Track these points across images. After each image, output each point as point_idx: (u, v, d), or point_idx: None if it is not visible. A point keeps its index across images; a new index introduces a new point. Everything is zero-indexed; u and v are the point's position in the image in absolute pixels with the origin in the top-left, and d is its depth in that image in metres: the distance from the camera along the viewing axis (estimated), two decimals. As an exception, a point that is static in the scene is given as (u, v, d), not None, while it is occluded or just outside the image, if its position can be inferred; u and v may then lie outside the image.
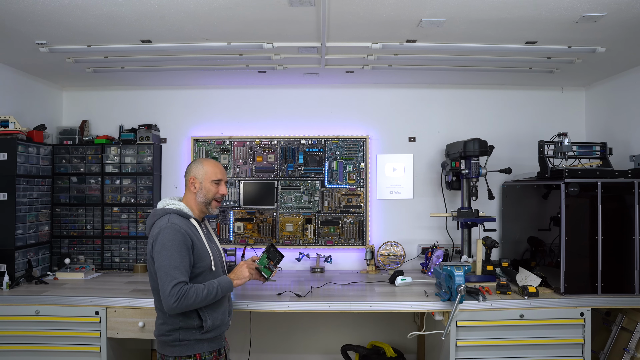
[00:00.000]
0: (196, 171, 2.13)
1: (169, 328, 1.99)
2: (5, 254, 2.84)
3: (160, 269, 1.90)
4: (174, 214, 2.01)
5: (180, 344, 1.99)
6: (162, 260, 1.91)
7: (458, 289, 2.33)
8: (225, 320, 2.11)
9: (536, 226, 2.92)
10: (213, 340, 2.05)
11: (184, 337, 1.99)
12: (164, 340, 2.01)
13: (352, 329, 3.49)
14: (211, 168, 2.16)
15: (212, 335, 2.04)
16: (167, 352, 2.00)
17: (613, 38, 2.51)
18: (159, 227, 1.97)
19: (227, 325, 2.13)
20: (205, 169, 2.14)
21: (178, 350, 1.99)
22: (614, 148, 3.00)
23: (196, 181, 2.12)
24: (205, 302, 1.96)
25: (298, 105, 3.60)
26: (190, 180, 2.12)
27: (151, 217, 2.06)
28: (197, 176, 2.12)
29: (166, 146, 3.59)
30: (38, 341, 2.56)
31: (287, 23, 2.34)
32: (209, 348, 2.03)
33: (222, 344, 2.12)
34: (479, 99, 3.59)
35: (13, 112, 3.08)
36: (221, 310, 2.08)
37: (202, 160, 2.18)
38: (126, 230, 3.36)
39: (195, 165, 2.16)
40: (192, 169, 2.15)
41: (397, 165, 3.56)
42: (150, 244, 1.97)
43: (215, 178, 2.14)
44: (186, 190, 2.15)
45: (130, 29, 2.40)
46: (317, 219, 3.53)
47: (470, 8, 2.15)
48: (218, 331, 2.06)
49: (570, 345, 2.52)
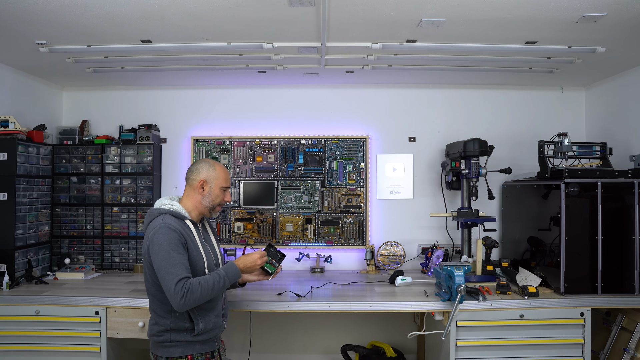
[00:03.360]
0: (208, 174, 2.07)
1: (160, 329, 1.97)
2: (5, 254, 2.84)
3: (161, 269, 1.87)
4: (168, 214, 1.97)
5: (171, 344, 1.97)
6: (161, 260, 1.87)
7: (458, 289, 2.33)
8: (220, 324, 2.07)
9: (536, 226, 2.92)
10: (205, 342, 2.02)
11: (175, 338, 1.97)
12: (155, 340, 2.00)
13: (352, 329, 3.49)
14: (223, 174, 2.11)
15: (205, 337, 2.00)
16: (159, 353, 1.99)
17: (613, 38, 2.51)
18: (153, 228, 1.94)
19: (221, 328, 2.08)
20: (217, 174, 2.08)
21: (169, 351, 1.97)
22: (614, 148, 3.00)
23: (207, 185, 2.06)
24: (213, 293, 1.92)
25: (298, 105, 3.60)
26: (200, 182, 2.05)
27: (147, 217, 2.03)
28: (208, 180, 2.06)
29: (166, 146, 3.59)
30: (38, 341, 2.56)
31: (287, 23, 2.34)
32: (201, 350, 2.00)
33: (215, 346, 2.07)
34: (479, 99, 3.59)
35: (13, 112, 3.08)
36: (214, 313, 2.04)
37: (213, 163, 2.11)
38: (126, 230, 3.36)
39: (207, 167, 2.09)
40: (202, 170, 2.07)
41: (397, 165, 3.56)
42: (146, 247, 1.93)
43: (226, 185, 2.11)
44: (190, 190, 2.08)
45: (130, 29, 2.40)
46: (317, 219, 3.53)
47: (470, 8, 2.15)
48: (211, 334, 2.02)
49: (570, 345, 2.52)
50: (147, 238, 1.95)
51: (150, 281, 1.97)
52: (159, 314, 1.99)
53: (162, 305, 1.97)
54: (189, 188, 2.09)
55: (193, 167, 2.11)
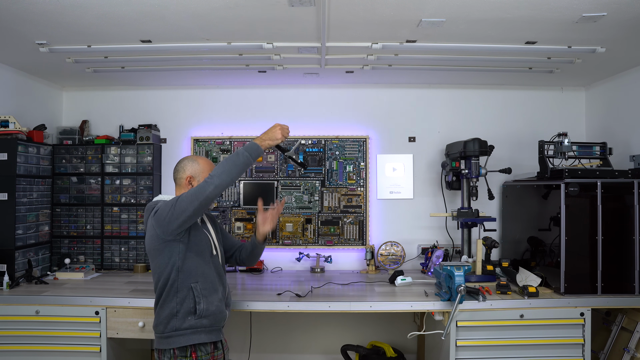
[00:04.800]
0: (193, 169, 2.12)
1: (166, 313, 1.98)
2: (5, 254, 2.84)
3: (165, 208, 1.91)
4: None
5: (176, 333, 1.97)
6: (166, 206, 1.92)
7: (458, 289, 2.33)
8: (222, 309, 2.08)
9: (536, 226, 2.92)
10: (211, 331, 2.03)
11: (180, 325, 1.97)
12: (160, 331, 2.00)
13: (352, 329, 3.49)
14: (207, 166, 2.15)
15: (208, 322, 2.02)
16: (164, 345, 1.98)
17: (613, 38, 2.51)
18: (151, 209, 2.01)
19: (223, 314, 2.10)
20: (202, 167, 2.13)
21: (175, 341, 1.97)
22: (614, 148, 3.00)
23: (194, 180, 2.10)
24: (235, 169, 1.89)
25: (298, 105, 3.60)
26: (187, 178, 2.10)
27: (146, 211, 2.08)
28: (194, 174, 2.11)
29: (166, 146, 3.59)
30: (38, 341, 2.56)
31: (287, 23, 2.34)
32: (206, 339, 2.01)
33: (219, 336, 2.09)
34: (479, 99, 3.59)
35: (13, 112, 3.07)
36: (216, 297, 2.06)
37: (196, 158, 2.16)
38: (126, 230, 3.36)
39: (190, 162, 2.13)
40: (186, 167, 2.12)
41: (397, 165, 3.56)
42: (150, 226, 1.98)
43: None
44: (180, 189, 2.12)
45: (130, 29, 2.40)
46: (317, 219, 3.53)
47: (470, 8, 2.15)
48: (213, 319, 2.04)
49: (570, 345, 2.52)
50: (148, 222, 2.00)
51: (157, 273, 2.01)
52: (165, 297, 2.00)
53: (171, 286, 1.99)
54: (179, 188, 2.15)
55: (177, 166, 2.16)
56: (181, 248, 1.99)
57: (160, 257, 2.00)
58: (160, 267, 2.01)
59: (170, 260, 1.98)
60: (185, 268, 2.00)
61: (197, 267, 2.02)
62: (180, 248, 1.99)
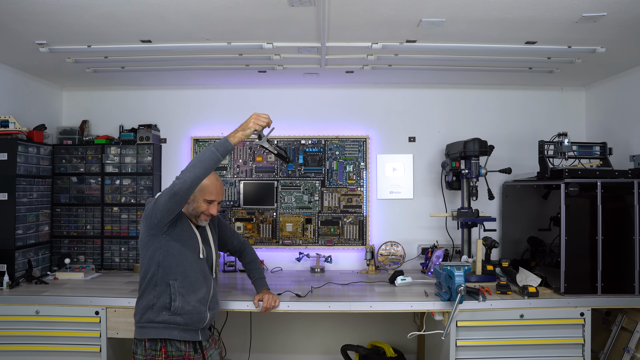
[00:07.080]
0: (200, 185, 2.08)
1: (143, 304, 2.06)
2: (5, 254, 2.84)
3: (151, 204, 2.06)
4: None
5: (149, 325, 2.02)
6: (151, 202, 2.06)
7: (458, 289, 2.33)
8: (200, 310, 2.08)
9: (536, 226, 2.92)
10: (186, 330, 2.04)
11: (154, 318, 2.02)
12: (136, 320, 2.07)
13: (352, 329, 3.49)
14: (212, 187, 2.13)
15: (183, 321, 2.03)
16: (137, 335, 2.05)
17: (613, 38, 2.51)
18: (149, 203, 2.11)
19: (202, 316, 2.09)
20: (204, 186, 2.10)
21: (146, 332, 2.02)
22: (614, 148, 3.00)
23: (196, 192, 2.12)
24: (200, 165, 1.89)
25: (298, 105, 3.60)
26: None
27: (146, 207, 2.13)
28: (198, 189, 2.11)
29: (166, 146, 3.59)
30: (38, 341, 2.56)
31: (287, 23, 2.34)
32: (180, 337, 2.02)
33: (198, 337, 2.08)
34: (479, 99, 3.59)
35: (13, 112, 3.07)
36: (196, 297, 2.08)
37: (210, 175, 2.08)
38: (126, 230, 3.35)
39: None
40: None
41: (397, 165, 3.56)
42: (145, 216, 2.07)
43: (209, 198, 2.13)
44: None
45: (130, 29, 2.40)
46: (317, 219, 3.53)
47: (470, 8, 2.15)
48: (189, 318, 2.04)
49: (570, 345, 2.52)
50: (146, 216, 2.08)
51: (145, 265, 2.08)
52: (145, 289, 2.07)
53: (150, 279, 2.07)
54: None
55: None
56: (163, 244, 2.05)
57: (145, 251, 2.07)
58: (145, 260, 2.08)
59: (154, 254, 2.05)
60: (166, 264, 2.05)
61: (178, 265, 2.06)
62: (163, 244, 2.05)
